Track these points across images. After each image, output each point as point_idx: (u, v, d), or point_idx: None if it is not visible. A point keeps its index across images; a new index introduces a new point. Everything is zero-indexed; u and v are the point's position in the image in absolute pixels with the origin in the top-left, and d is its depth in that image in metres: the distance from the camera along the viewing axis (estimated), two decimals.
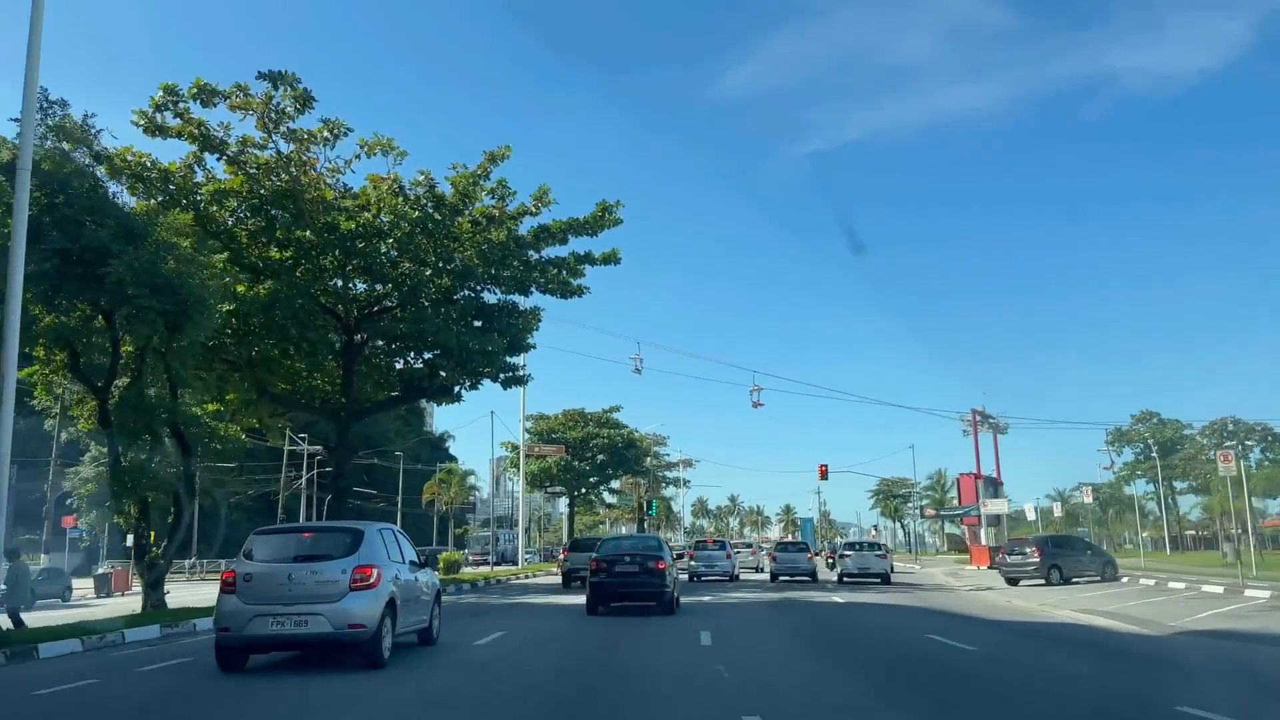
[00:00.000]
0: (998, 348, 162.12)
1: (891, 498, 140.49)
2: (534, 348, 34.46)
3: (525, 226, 31.15)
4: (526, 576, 42.87)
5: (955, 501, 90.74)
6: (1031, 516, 54.14)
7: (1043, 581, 30.41)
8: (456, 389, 33.84)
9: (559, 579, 35.14)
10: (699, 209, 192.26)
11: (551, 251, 32.39)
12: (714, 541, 40.45)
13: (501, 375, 33.08)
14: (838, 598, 25.13)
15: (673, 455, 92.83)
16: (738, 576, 37.35)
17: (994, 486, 72.72)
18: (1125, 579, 31.71)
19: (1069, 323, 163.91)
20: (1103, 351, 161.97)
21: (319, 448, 74.29)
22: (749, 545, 58.74)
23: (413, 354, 32.54)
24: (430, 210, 29.33)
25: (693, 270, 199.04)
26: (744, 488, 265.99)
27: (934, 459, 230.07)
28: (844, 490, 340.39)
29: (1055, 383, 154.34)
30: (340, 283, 30.27)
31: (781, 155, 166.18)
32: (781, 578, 35.47)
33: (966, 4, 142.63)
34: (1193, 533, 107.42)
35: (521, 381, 34.08)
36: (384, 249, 28.94)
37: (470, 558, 75.02)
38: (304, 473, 72.97)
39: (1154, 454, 77.70)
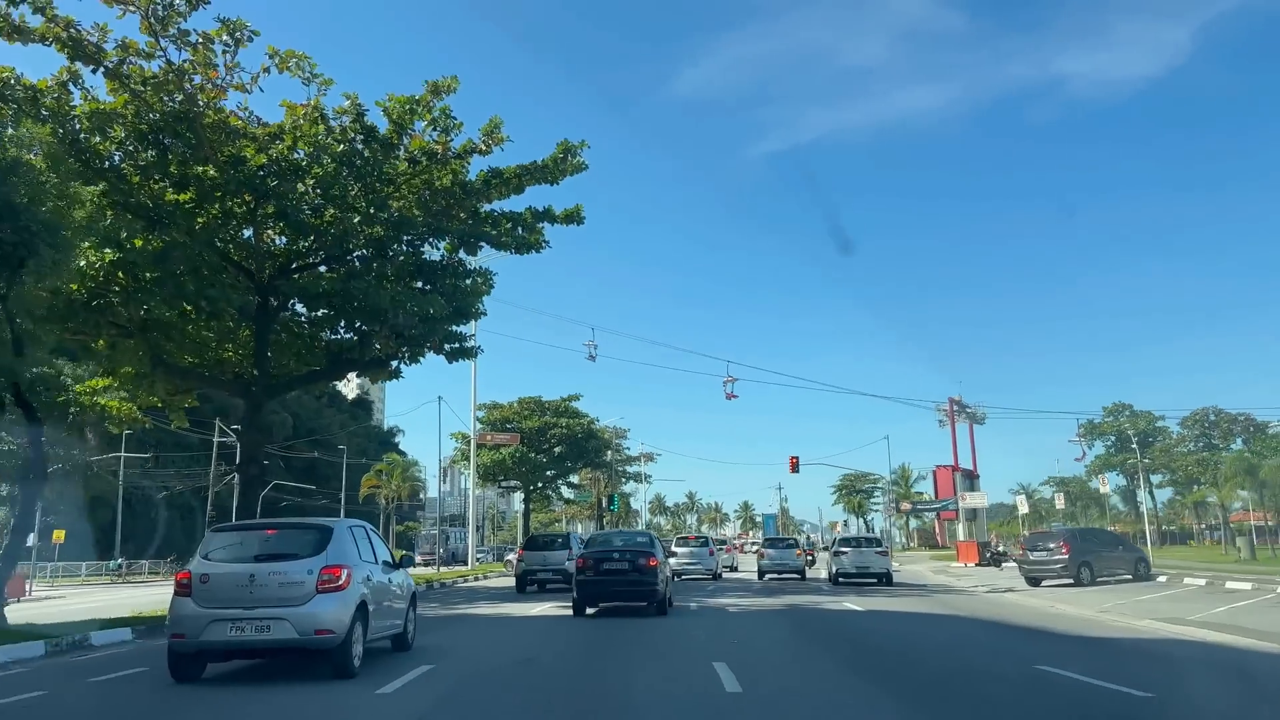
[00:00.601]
0: (967, 342, 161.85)
1: (855, 493, 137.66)
2: (484, 314, 30.02)
3: (474, 170, 26.59)
4: (477, 579, 38.15)
5: (925, 496, 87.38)
6: (1024, 510, 50.30)
7: (1070, 581, 26.46)
8: (395, 363, 29.14)
9: (513, 582, 30.31)
10: (659, 204, 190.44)
11: (505, 205, 27.98)
12: (695, 537, 36.87)
13: (446, 346, 28.36)
14: (851, 604, 20.84)
15: (633, 449, 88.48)
16: (720, 575, 35.30)
17: (970, 479, 69.42)
18: (1163, 577, 27.85)
19: (1034, 317, 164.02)
20: (1070, 345, 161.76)
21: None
22: (723, 543, 54.54)
23: (340, 321, 27.72)
24: (359, 145, 24.58)
25: (658, 263, 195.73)
26: (702, 484, 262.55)
27: (907, 452, 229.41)
28: (805, 486, 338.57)
29: (1026, 377, 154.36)
30: (251, 232, 25.43)
31: (741, 153, 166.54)
32: (769, 575, 34.45)
33: (918, 7, 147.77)
34: (1154, 527, 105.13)
35: (469, 354, 29.29)
36: (302, 190, 24.21)
37: (418, 558, 69.99)
38: (236, 465, 67.45)
39: (1133, 444, 74.47)
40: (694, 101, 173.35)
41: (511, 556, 56.98)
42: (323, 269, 26.49)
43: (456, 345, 28.81)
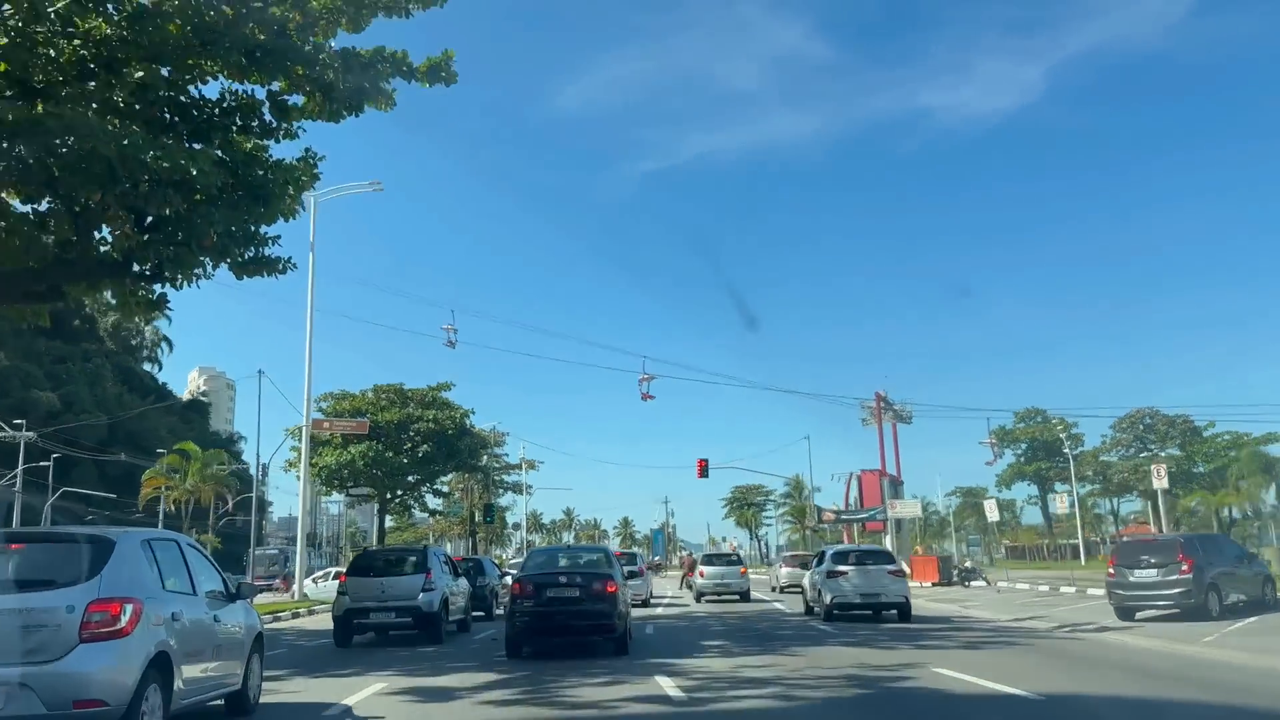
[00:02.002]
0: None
1: (747, 506, 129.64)
2: (299, 212, 19.32)
3: None
4: (296, 614, 27.10)
5: (835, 505, 79.37)
6: (994, 516, 42.11)
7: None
8: (159, 287, 18.45)
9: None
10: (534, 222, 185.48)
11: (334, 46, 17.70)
12: (623, 555, 28.02)
13: (236, 251, 17.85)
14: (953, 671, 11.16)
15: (513, 457, 77.49)
16: (649, 600, 29.29)
17: (895, 486, 61.93)
18: None
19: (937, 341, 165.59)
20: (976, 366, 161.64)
21: (34, 435, 56.06)
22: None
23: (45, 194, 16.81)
24: None
25: (547, 265, 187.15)
26: (582, 499, 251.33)
27: (821, 458, 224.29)
28: (691, 501, 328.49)
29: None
30: None
31: (621, 170, 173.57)
32: (707, 598, 30.78)
33: (791, 37, 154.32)
34: (1049, 541, 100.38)
35: (272, 267, 18.29)
36: None
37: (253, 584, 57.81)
38: (19, 466, 54.39)
39: (1064, 448, 67.96)
40: (570, 118, 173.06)
41: (309, 582, 41.92)
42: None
43: (254, 255, 18.30)
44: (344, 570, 20.58)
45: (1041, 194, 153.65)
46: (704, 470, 57.94)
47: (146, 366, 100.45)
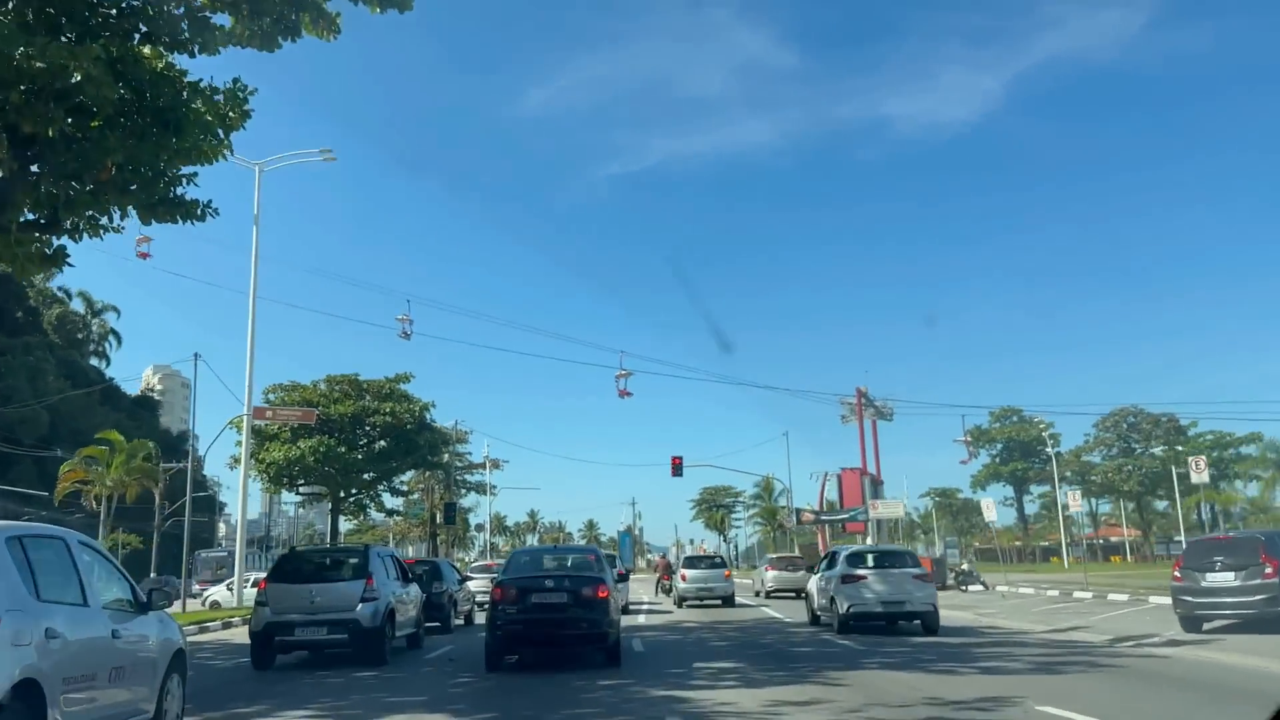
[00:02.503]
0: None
1: (716, 507, 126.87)
2: (227, 154, 16.08)
3: None
4: (227, 624, 23.85)
5: (809, 506, 76.88)
6: (992, 516, 39.62)
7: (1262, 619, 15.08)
8: (52, 237, 15.50)
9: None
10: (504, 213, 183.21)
11: None
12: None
13: (140, 191, 14.97)
14: (1064, 710, 8.39)
15: (476, 455, 74.08)
16: (628, 607, 26.76)
17: (875, 486, 59.49)
18: None
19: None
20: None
21: None
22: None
23: None
24: None
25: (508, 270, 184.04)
26: (549, 501, 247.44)
27: (798, 457, 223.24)
28: (657, 503, 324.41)
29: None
30: None
31: (583, 175, 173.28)
32: (689, 603, 29.62)
33: (755, 43, 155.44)
34: (1022, 544, 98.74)
35: (187, 211, 15.33)
36: None
37: (196, 586, 53.95)
38: None
39: (1047, 448, 65.79)
40: (536, 120, 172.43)
41: (216, 590, 38.43)
42: None
43: (162, 194, 15.27)
44: (266, 576, 17.16)
45: (1003, 201, 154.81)
46: (678, 468, 55.21)
47: (94, 361, 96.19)
